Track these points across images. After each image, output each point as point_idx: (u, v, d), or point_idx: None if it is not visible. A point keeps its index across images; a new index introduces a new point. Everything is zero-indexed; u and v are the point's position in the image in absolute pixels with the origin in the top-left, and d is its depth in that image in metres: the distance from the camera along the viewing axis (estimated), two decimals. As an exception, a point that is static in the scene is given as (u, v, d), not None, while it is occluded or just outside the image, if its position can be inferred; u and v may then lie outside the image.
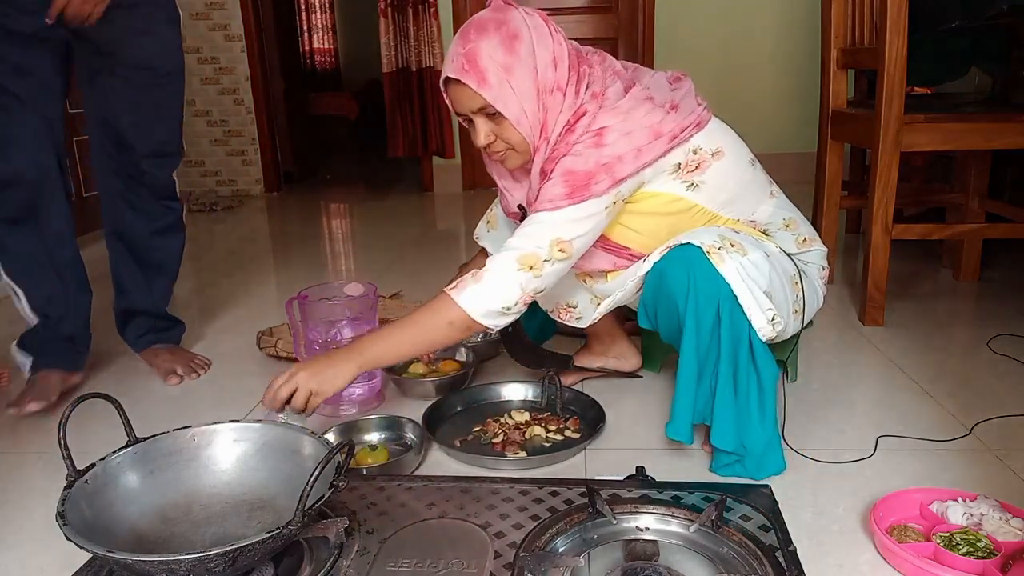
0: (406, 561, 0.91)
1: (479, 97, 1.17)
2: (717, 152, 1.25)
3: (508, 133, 1.22)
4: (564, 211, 1.18)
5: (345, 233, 3.85)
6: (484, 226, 1.61)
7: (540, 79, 1.19)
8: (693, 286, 1.18)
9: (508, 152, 1.26)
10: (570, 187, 1.18)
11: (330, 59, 8.49)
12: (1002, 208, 2.24)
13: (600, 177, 1.18)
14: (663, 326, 1.30)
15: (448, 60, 1.20)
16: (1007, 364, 1.70)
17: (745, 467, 1.23)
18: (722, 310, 1.18)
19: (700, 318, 1.19)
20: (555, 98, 1.21)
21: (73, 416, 0.98)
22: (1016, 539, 1.01)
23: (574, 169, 1.18)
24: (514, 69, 1.17)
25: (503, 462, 1.31)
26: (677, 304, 1.21)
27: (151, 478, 1.01)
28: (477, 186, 4.51)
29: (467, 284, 1.20)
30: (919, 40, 1.97)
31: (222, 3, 4.39)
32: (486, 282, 1.19)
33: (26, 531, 1.18)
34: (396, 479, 1.11)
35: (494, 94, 1.17)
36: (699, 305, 1.19)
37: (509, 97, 1.17)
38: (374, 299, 1.60)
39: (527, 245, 1.19)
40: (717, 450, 1.24)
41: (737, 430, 1.21)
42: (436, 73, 4.25)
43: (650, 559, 0.96)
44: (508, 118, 1.19)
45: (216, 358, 1.92)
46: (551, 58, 1.19)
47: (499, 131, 1.22)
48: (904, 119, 1.83)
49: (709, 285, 1.18)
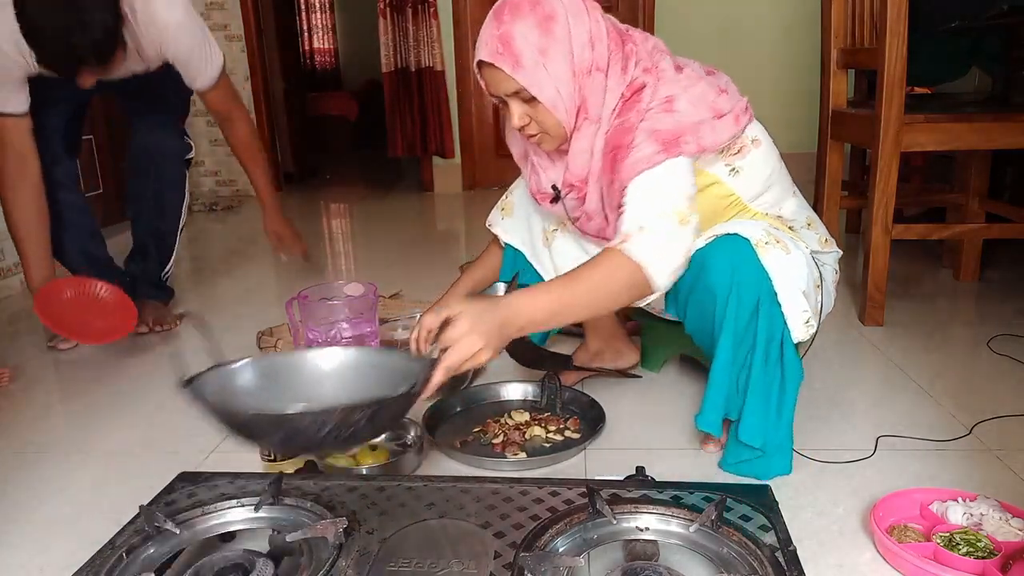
0: (406, 561, 0.91)
1: (513, 81, 1.14)
2: (756, 140, 1.25)
3: (543, 116, 1.18)
4: (664, 164, 1.13)
5: (345, 233, 3.85)
6: (498, 213, 1.55)
7: (576, 61, 1.15)
8: (736, 277, 1.17)
9: (542, 135, 1.23)
10: (662, 143, 1.14)
11: (330, 59, 8.50)
12: (1002, 208, 2.24)
13: (687, 138, 1.14)
14: (692, 316, 1.28)
15: (481, 42, 1.15)
16: (1007, 364, 1.70)
17: (753, 467, 1.24)
18: (761, 305, 1.18)
19: (740, 311, 1.18)
20: (595, 79, 1.17)
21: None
22: (1016, 539, 1.01)
23: (658, 129, 1.15)
24: (549, 51, 1.12)
25: (503, 463, 1.31)
26: (716, 294, 1.19)
27: (266, 381, 1.06)
28: (477, 186, 4.51)
29: (635, 237, 1.09)
30: (919, 40, 1.97)
31: (222, 3, 4.39)
32: (661, 242, 1.09)
33: (26, 531, 1.18)
34: (396, 479, 1.11)
35: (529, 78, 1.13)
36: (740, 297, 1.18)
37: (544, 81, 1.14)
38: (374, 299, 1.60)
39: (663, 204, 1.11)
40: (735, 446, 1.25)
41: (764, 426, 1.21)
42: (436, 73, 4.26)
43: (650, 559, 0.96)
44: (543, 102, 1.16)
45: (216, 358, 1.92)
46: (587, 38, 1.15)
47: (534, 114, 1.18)
48: (904, 119, 1.83)
49: (752, 278, 1.17)
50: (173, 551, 0.97)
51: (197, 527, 1.01)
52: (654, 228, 1.10)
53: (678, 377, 1.68)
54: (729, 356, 1.21)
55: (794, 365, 1.22)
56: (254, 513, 1.03)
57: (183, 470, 1.16)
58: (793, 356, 1.22)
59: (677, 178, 1.14)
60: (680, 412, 1.51)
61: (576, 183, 1.28)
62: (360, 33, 8.13)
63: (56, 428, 1.56)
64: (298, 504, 1.03)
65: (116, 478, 1.34)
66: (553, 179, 1.33)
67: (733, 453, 1.26)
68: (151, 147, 2.05)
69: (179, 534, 0.99)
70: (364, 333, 1.57)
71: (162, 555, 0.96)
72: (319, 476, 1.14)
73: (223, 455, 1.40)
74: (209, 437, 1.46)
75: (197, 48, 1.83)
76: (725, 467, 1.27)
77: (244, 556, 0.93)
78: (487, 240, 1.59)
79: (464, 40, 4.29)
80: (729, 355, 1.21)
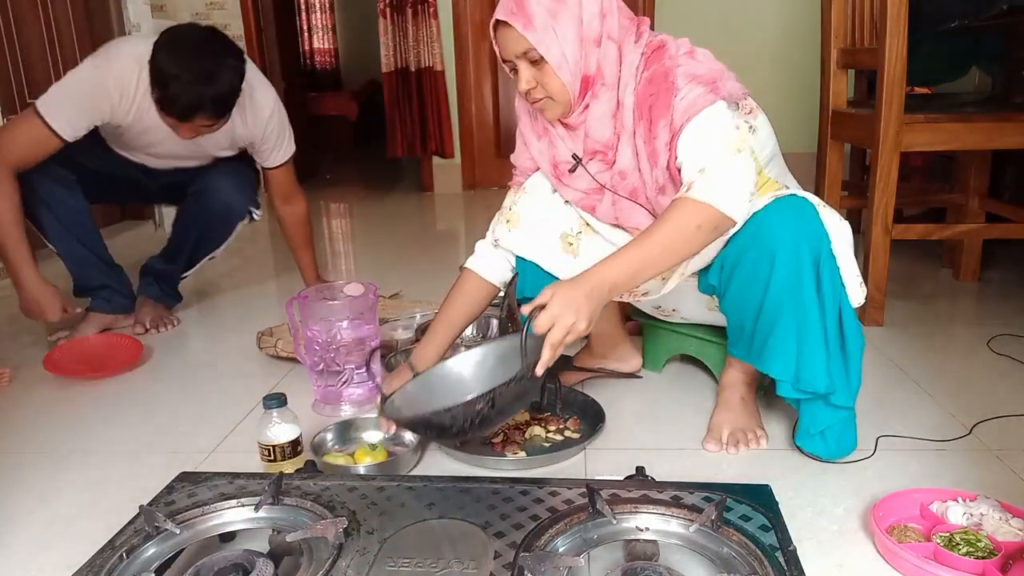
0: (406, 561, 0.91)
1: (524, 40, 1.20)
2: (758, 107, 1.31)
3: (548, 79, 1.24)
4: (718, 104, 1.19)
5: (345, 233, 3.84)
6: (503, 227, 1.44)
7: (585, 28, 1.22)
8: (799, 236, 1.18)
9: (547, 100, 1.28)
10: (706, 84, 1.20)
11: (330, 59, 8.50)
12: (1002, 208, 2.24)
13: (720, 83, 1.21)
14: (739, 282, 1.26)
15: (500, 4, 1.23)
16: (1007, 364, 1.70)
17: (827, 442, 1.25)
18: (822, 267, 1.19)
19: (803, 269, 1.19)
20: (606, 48, 1.24)
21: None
22: (1016, 539, 1.01)
23: (696, 72, 1.21)
24: (559, 15, 1.20)
25: (503, 462, 1.31)
26: (776, 253, 1.19)
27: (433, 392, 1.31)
28: (477, 186, 4.51)
29: (698, 183, 1.15)
30: (919, 40, 1.97)
31: (222, 3, 4.39)
32: (721, 175, 1.15)
33: (26, 531, 1.18)
34: (396, 479, 1.11)
35: (538, 37, 1.19)
36: (800, 258, 1.18)
37: (551, 41, 1.20)
38: (374, 299, 1.60)
39: (717, 140, 1.17)
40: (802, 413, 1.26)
41: (828, 372, 1.21)
42: (436, 73, 4.26)
43: (650, 559, 0.96)
44: (549, 62, 1.21)
45: (216, 358, 1.93)
46: (598, 9, 1.22)
47: (540, 77, 1.24)
48: (904, 119, 1.83)
49: (815, 238, 1.19)
50: (173, 551, 0.97)
51: (197, 527, 1.01)
52: (714, 166, 1.15)
53: (678, 377, 1.68)
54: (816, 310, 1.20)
55: (855, 328, 1.23)
56: (254, 513, 1.03)
57: (183, 470, 1.16)
58: (853, 319, 1.22)
59: (721, 116, 1.20)
60: (680, 412, 1.51)
61: (600, 148, 1.31)
62: (360, 33, 8.13)
63: (56, 428, 1.55)
64: (298, 504, 1.03)
65: (116, 478, 1.34)
66: (572, 148, 1.35)
67: (801, 427, 1.27)
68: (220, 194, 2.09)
69: (179, 534, 0.99)
70: (364, 333, 1.57)
71: (162, 555, 0.96)
72: (319, 476, 1.14)
73: (223, 455, 1.40)
74: (209, 437, 1.47)
75: (284, 131, 2.07)
76: (798, 443, 1.29)
77: (244, 556, 0.93)
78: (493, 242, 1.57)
79: (464, 40, 4.29)
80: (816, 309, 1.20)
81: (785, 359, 1.22)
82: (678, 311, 1.51)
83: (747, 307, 1.27)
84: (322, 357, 1.55)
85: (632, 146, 1.28)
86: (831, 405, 1.24)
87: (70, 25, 3.26)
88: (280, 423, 1.26)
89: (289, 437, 1.26)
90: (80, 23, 3.32)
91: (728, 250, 1.27)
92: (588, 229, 1.40)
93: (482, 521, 0.99)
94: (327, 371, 1.56)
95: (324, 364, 1.56)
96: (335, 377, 1.56)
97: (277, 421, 1.26)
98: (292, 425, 1.27)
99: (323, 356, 1.55)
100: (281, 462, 1.25)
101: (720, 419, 1.39)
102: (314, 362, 1.57)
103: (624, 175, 1.30)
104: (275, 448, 1.25)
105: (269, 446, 1.25)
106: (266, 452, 1.26)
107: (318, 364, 1.56)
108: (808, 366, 1.21)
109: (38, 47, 3.07)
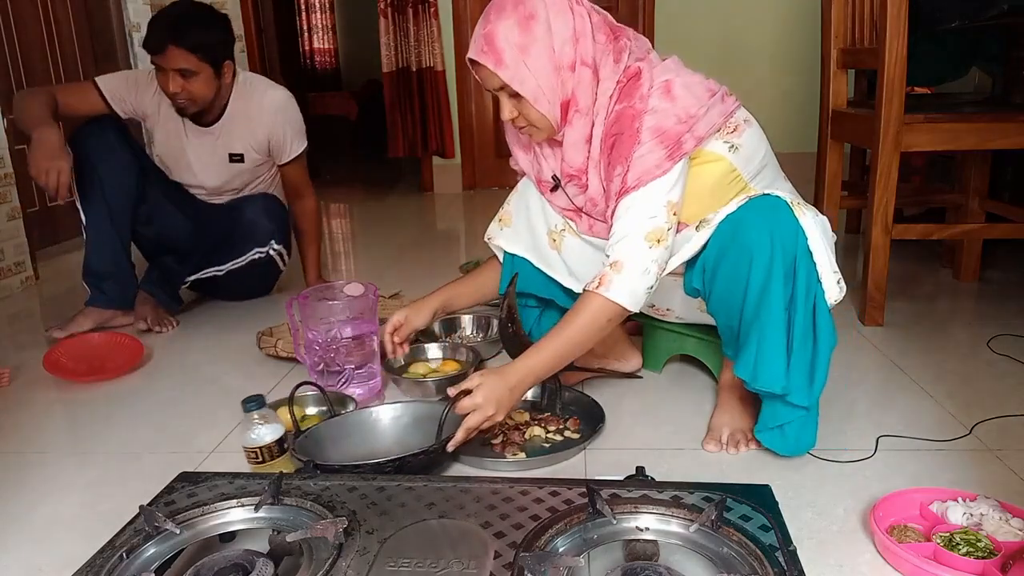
0: (406, 561, 0.91)
1: (497, 77, 1.22)
2: (747, 120, 1.31)
3: (527, 110, 1.27)
4: (670, 174, 1.21)
5: (345, 233, 3.84)
6: (496, 225, 1.57)
7: (558, 56, 1.22)
8: (776, 233, 1.18)
9: (530, 127, 1.31)
10: (668, 148, 1.21)
11: (330, 59, 8.49)
12: (1002, 208, 2.24)
13: (686, 136, 1.22)
14: (721, 282, 1.27)
15: (472, 41, 1.26)
16: (1007, 364, 1.70)
17: (785, 437, 1.26)
18: (799, 262, 1.19)
19: (778, 268, 1.19)
20: (581, 74, 1.24)
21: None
22: (1016, 539, 1.01)
23: (663, 127, 1.21)
24: (529, 48, 1.21)
25: (503, 463, 1.31)
26: (753, 252, 1.19)
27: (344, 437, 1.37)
28: (477, 186, 4.51)
29: (611, 279, 1.23)
30: (919, 40, 1.97)
31: (222, 3, 4.38)
32: (628, 271, 1.23)
33: (26, 531, 1.18)
34: (396, 479, 1.11)
35: (510, 74, 1.22)
36: (781, 254, 1.18)
37: (525, 76, 1.22)
38: (374, 299, 1.60)
39: (645, 222, 1.23)
40: (764, 407, 1.27)
41: (787, 374, 1.21)
42: (436, 73, 4.26)
43: (650, 559, 0.96)
44: (526, 96, 1.23)
45: (216, 358, 1.93)
46: (570, 34, 1.23)
47: (520, 108, 1.27)
48: (904, 119, 1.82)
49: (791, 235, 1.19)
50: (173, 551, 0.97)
51: (197, 527, 1.01)
52: (630, 260, 1.23)
53: (678, 377, 1.68)
54: (781, 310, 1.20)
55: (828, 327, 1.22)
56: (254, 513, 1.03)
57: (183, 470, 1.16)
58: (827, 317, 1.22)
59: (667, 190, 1.23)
60: (680, 412, 1.51)
61: (575, 173, 1.34)
62: (360, 33, 8.12)
63: (56, 428, 1.56)
64: (298, 504, 1.03)
65: (116, 478, 1.34)
66: (553, 168, 1.39)
67: (761, 420, 1.28)
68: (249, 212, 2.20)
69: (179, 534, 0.99)
70: (364, 333, 1.57)
71: (162, 555, 0.96)
72: (319, 476, 1.14)
73: (223, 455, 1.40)
74: (209, 437, 1.47)
75: (294, 129, 2.21)
76: (756, 436, 1.30)
77: (244, 556, 0.93)
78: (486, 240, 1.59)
79: (464, 40, 4.29)
80: (781, 309, 1.20)
81: (747, 356, 1.23)
82: (672, 311, 1.51)
83: (732, 308, 1.27)
84: (322, 357, 1.55)
85: (597, 175, 1.31)
86: (788, 404, 1.24)
87: (70, 25, 3.26)
88: (262, 423, 1.26)
89: (274, 436, 1.26)
90: (80, 23, 3.32)
91: (707, 253, 1.28)
92: (570, 228, 1.45)
93: (482, 521, 0.99)
94: (327, 371, 1.56)
95: (324, 364, 1.56)
96: (335, 377, 1.56)
97: (259, 422, 1.25)
98: (274, 424, 1.27)
99: (323, 356, 1.55)
100: (270, 462, 1.25)
101: (720, 420, 1.39)
102: (314, 362, 1.57)
103: (595, 202, 1.35)
104: (262, 450, 1.25)
105: (256, 448, 1.25)
106: (253, 455, 1.25)
107: (318, 364, 1.56)
108: (766, 366, 1.21)
109: (38, 47, 3.07)
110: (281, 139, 2.20)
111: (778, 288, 1.19)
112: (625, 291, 1.23)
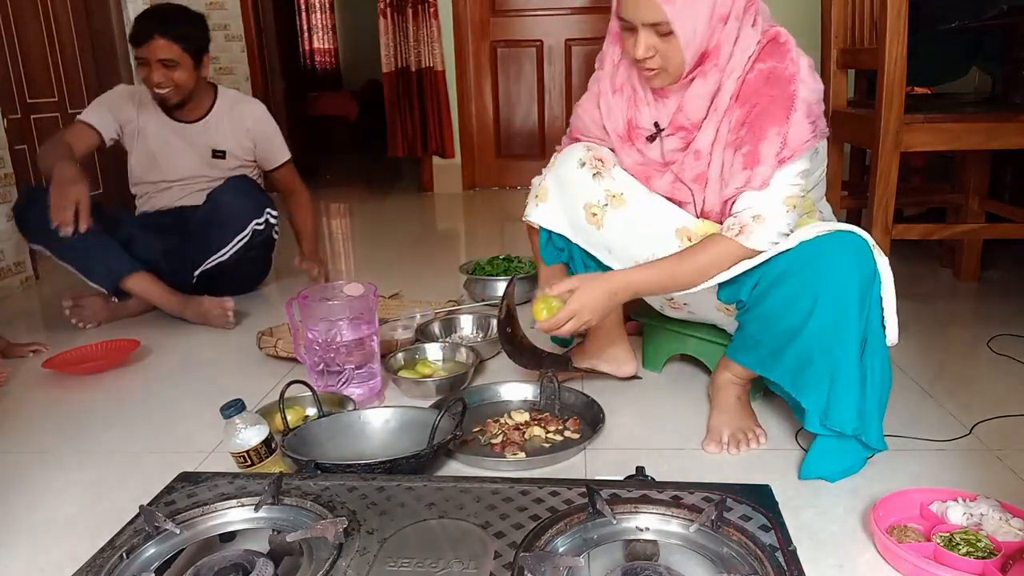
0: (406, 561, 0.91)
1: (660, 11, 1.18)
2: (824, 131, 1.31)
3: (672, 52, 1.23)
4: (810, 152, 1.24)
5: (345, 233, 3.84)
6: (532, 203, 1.50)
7: (719, 6, 1.21)
8: (854, 277, 1.18)
9: (660, 71, 1.26)
10: (813, 123, 1.23)
11: (330, 59, 8.50)
12: (1002, 208, 2.24)
13: (821, 121, 1.26)
14: (773, 303, 1.25)
15: None
16: (1007, 364, 1.70)
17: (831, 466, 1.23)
18: (871, 309, 1.20)
19: (849, 310, 1.18)
20: (730, 27, 1.23)
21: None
22: (1016, 539, 1.01)
23: (810, 101, 1.23)
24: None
25: (503, 463, 1.31)
26: (827, 288, 1.18)
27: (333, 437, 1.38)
28: (477, 186, 4.51)
29: (752, 229, 1.23)
30: (919, 40, 1.97)
31: (222, 3, 4.38)
32: (769, 226, 1.23)
33: (26, 531, 1.18)
34: (396, 479, 1.11)
35: (675, 11, 1.18)
36: (851, 299, 1.18)
37: (687, 18, 1.19)
38: (374, 299, 1.60)
39: (787, 188, 1.23)
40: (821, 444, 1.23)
41: (860, 414, 1.20)
42: (436, 73, 4.26)
43: (650, 559, 0.96)
44: (680, 38, 1.20)
45: (216, 358, 1.93)
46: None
47: (662, 47, 1.23)
48: (904, 119, 1.82)
49: (869, 280, 1.20)
50: (173, 551, 0.97)
51: (197, 527, 1.01)
52: (771, 217, 1.22)
53: (678, 377, 1.68)
54: (856, 352, 1.20)
55: (888, 372, 1.23)
56: (254, 513, 1.03)
57: (183, 470, 1.16)
58: (886, 359, 1.23)
59: (801, 167, 1.24)
60: (680, 412, 1.51)
61: (688, 126, 1.30)
62: (360, 33, 8.13)
63: (55, 428, 1.56)
64: (298, 504, 1.03)
65: (116, 478, 1.34)
66: (656, 117, 1.35)
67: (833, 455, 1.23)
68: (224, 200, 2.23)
69: (179, 534, 0.99)
70: (364, 334, 1.57)
71: (162, 555, 0.96)
72: (319, 476, 1.14)
73: (223, 455, 1.40)
74: (209, 437, 1.47)
75: (277, 135, 2.42)
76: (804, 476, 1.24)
77: (244, 556, 0.93)
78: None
79: (464, 40, 4.29)
80: (856, 351, 1.20)
81: (818, 394, 1.21)
82: (688, 306, 1.49)
83: (778, 328, 1.24)
84: (322, 357, 1.55)
85: (715, 128, 1.28)
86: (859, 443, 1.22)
87: (70, 25, 3.26)
88: (245, 427, 1.25)
89: (259, 438, 1.25)
90: (80, 23, 3.32)
91: (767, 269, 1.25)
92: (615, 201, 1.39)
93: (482, 521, 0.99)
94: (327, 371, 1.56)
95: (324, 364, 1.56)
96: (335, 377, 1.56)
97: (242, 426, 1.24)
98: (258, 426, 1.26)
99: (323, 356, 1.55)
100: (260, 464, 1.25)
101: (719, 420, 1.39)
102: (314, 362, 1.57)
103: (698, 155, 1.30)
104: (250, 453, 1.24)
105: (243, 452, 1.24)
106: (242, 459, 1.24)
107: (318, 364, 1.56)
108: (839, 406, 1.19)
109: (38, 47, 3.07)
110: (268, 146, 2.40)
111: (853, 329, 1.19)
112: (765, 241, 1.23)
